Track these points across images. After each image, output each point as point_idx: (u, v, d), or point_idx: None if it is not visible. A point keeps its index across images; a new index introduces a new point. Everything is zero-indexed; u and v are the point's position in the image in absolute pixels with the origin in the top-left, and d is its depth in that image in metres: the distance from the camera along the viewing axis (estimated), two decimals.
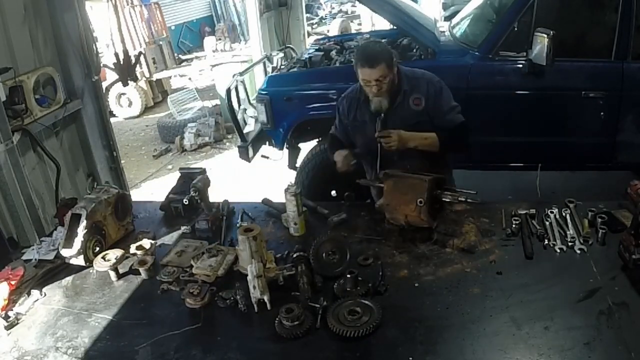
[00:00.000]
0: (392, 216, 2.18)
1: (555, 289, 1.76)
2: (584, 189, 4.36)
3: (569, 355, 1.49)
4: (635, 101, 3.49)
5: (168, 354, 1.64)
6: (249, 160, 4.11)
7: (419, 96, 2.44)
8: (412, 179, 2.15)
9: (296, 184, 2.24)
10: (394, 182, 2.19)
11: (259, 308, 1.77)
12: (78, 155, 3.94)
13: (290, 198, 2.18)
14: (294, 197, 2.18)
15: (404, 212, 2.13)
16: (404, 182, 2.16)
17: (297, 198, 2.18)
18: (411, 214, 2.11)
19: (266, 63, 4.75)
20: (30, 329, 1.83)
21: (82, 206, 2.15)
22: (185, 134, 6.99)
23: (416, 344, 1.57)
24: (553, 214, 2.15)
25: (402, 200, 2.13)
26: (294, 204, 2.19)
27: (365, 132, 2.52)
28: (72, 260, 2.10)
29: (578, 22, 3.73)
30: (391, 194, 2.18)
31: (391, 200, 2.17)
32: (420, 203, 2.07)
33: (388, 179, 2.21)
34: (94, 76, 3.92)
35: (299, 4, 7.53)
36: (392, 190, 2.18)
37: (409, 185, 2.13)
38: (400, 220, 2.15)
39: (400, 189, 2.15)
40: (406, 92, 2.44)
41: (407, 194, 2.12)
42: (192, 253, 2.12)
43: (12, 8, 3.27)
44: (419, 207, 2.08)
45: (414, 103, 2.44)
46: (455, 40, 4.08)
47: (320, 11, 16.40)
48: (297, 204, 2.19)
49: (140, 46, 8.69)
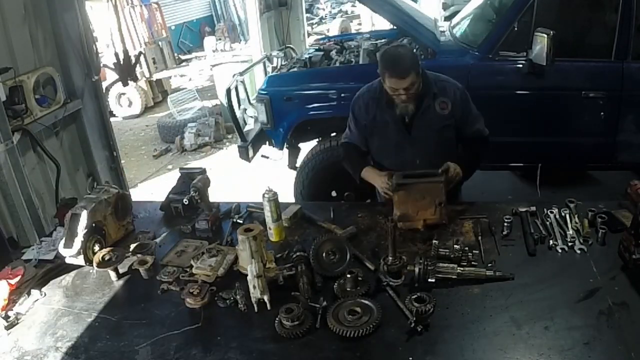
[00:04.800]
0: (408, 224, 2.14)
1: (555, 289, 1.76)
2: (584, 189, 4.37)
3: (569, 355, 1.49)
4: (635, 101, 3.49)
5: (168, 354, 1.64)
6: (249, 160, 4.11)
7: (445, 100, 2.39)
8: (425, 184, 2.13)
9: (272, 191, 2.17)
10: (405, 191, 2.15)
11: (259, 308, 1.78)
12: (78, 155, 3.94)
13: (266, 203, 2.15)
14: (268, 202, 2.15)
15: (422, 217, 2.12)
16: (417, 189, 2.13)
17: (272, 204, 2.14)
18: (430, 217, 2.11)
19: (266, 63, 4.76)
20: (30, 329, 1.83)
21: (82, 206, 2.15)
22: (185, 134, 6.99)
23: (416, 344, 1.57)
24: (553, 214, 2.15)
25: (420, 206, 2.12)
26: (269, 209, 2.16)
27: (386, 134, 2.47)
28: (72, 260, 2.10)
29: (578, 22, 3.73)
30: (405, 203, 2.14)
31: (407, 210, 2.14)
32: (440, 205, 2.06)
33: (398, 190, 2.16)
34: (94, 76, 3.92)
35: (299, 4, 7.52)
36: (405, 200, 2.14)
37: (424, 190, 2.11)
38: (418, 226, 2.13)
39: (414, 196, 2.13)
40: (435, 95, 2.40)
41: (424, 199, 2.11)
42: (192, 253, 2.12)
43: (12, 8, 3.27)
44: (438, 209, 2.08)
45: (441, 107, 2.39)
46: (455, 40, 4.08)
47: (320, 11, 16.39)
48: (272, 209, 2.15)
49: (140, 46, 8.68)
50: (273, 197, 2.15)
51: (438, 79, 2.46)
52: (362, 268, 1.93)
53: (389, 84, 2.31)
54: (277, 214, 2.18)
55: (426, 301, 1.64)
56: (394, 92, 2.31)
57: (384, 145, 2.51)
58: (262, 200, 2.18)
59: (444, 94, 2.41)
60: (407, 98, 2.32)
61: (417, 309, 1.60)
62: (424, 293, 1.68)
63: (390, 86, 2.31)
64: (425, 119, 2.40)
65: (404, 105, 2.35)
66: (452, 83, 2.47)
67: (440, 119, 2.40)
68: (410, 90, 2.29)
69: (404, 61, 2.29)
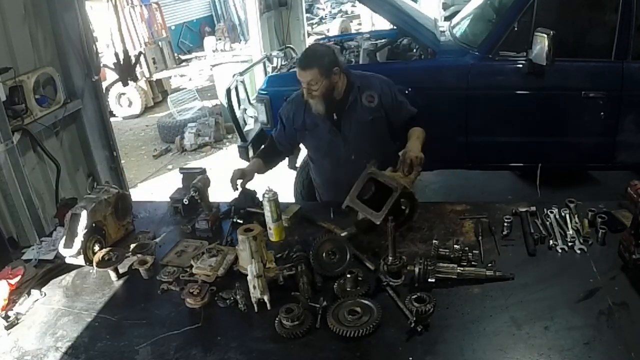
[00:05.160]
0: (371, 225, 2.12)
1: (555, 289, 1.76)
2: (584, 189, 4.36)
3: (569, 355, 1.49)
4: (635, 101, 3.48)
5: (168, 354, 1.64)
6: (249, 160, 4.11)
7: (371, 93, 2.47)
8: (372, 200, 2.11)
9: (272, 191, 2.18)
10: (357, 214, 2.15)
11: (259, 308, 1.78)
12: (78, 155, 3.94)
13: (266, 203, 2.16)
14: (269, 202, 2.15)
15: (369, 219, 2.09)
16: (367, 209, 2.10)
17: (272, 204, 2.15)
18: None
19: (266, 63, 4.76)
20: (30, 329, 1.83)
21: (82, 206, 2.15)
22: (185, 134, 6.98)
23: (416, 344, 1.57)
24: (553, 214, 2.15)
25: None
26: (269, 209, 2.16)
27: (318, 135, 2.54)
28: (72, 260, 2.10)
29: (578, 22, 3.73)
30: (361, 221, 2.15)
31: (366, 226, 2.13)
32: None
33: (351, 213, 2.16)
34: (94, 76, 3.92)
35: (299, 4, 7.52)
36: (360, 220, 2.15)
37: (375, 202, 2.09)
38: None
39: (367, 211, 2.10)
40: (360, 89, 2.47)
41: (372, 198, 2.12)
42: (192, 253, 2.12)
43: (12, 8, 3.26)
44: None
45: (368, 100, 2.47)
46: (455, 40, 4.08)
47: (320, 11, 16.38)
48: (271, 209, 2.15)
49: (140, 46, 8.68)
50: (273, 197, 2.15)
51: (363, 75, 2.57)
52: (362, 268, 1.93)
53: (297, 75, 2.40)
54: (277, 214, 2.18)
55: (426, 301, 1.64)
56: (302, 85, 2.38)
57: (318, 145, 2.59)
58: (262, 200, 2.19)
59: (370, 87, 2.48)
60: (310, 95, 2.37)
61: (417, 309, 1.60)
62: (424, 293, 1.68)
63: (298, 78, 2.39)
64: (352, 113, 2.47)
65: (314, 103, 2.41)
66: (377, 77, 2.56)
67: (368, 111, 2.47)
68: (312, 87, 2.34)
69: (310, 55, 2.41)
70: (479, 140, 3.77)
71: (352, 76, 2.50)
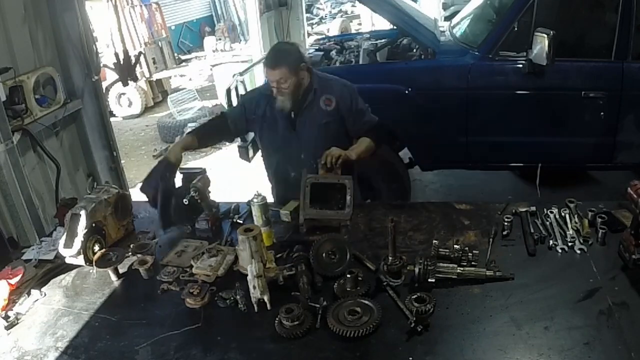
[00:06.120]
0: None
1: (555, 289, 1.76)
2: (584, 189, 4.37)
3: (569, 355, 1.49)
4: (635, 101, 3.49)
5: (168, 354, 1.64)
6: (249, 160, 4.11)
7: (330, 97, 2.48)
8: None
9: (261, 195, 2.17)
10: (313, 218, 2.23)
11: (259, 308, 1.77)
12: (78, 155, 3.94)
13: (254, 208, 2.16)
14: (257, 207, 2.14)
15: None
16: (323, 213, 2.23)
17: (260, 209, 2.14)
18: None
19: None
20: (30, 329, 1.83)
21: (82, 206, 2.15)
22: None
23: (416, 344, 1.57)
24: (553, 214, 2.15)
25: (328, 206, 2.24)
26: (258, 215, 2.15)
27: (275, 129, 2.55)
28: (72, 260, 2.10)
29: (578, 22, 3.74)
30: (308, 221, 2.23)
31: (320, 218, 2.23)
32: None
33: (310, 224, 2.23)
34: (94, 76, 3.92)
35: (299, 4, 7.52)
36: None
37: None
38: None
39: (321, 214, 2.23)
40: (317, 91, 2.47)
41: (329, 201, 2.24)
42: (192, 253, 2.12)
43: (12, 8, 3.27)
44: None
45: (325, 103, 2.48)
46: (455, 40, 4.09)
47: (320, 11, 16.38)
48: (260, 214, 2.15)
49: (140, 46, 8.68)
50: (261, 202, 2.15)
51: (325, 78, 2.56)
52: (362, 268, 1.93)
53: (264, 74, 2.42)
54: (266, 218, 2.17)
55: (426, 301, 1.64)
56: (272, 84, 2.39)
57: (272, 140, 2.60)
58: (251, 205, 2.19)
59: (329, 91, 2.49)
60: (279, 92, 2.39)
61: (417, 309, 1.60)
62: (424, 293, 1.68)
63: (266, 76, 2.41)
64: (308, 114, 2.49)
65: (281, 100, 2.42)
66: (339, 81, 2.57)
67: (323, 115, 2.48)
68: (281, 84, 2.36)
69: (277, 55, 2.42)
70: (479, 140, 3.77)
71: (314, 76, 2.50)
